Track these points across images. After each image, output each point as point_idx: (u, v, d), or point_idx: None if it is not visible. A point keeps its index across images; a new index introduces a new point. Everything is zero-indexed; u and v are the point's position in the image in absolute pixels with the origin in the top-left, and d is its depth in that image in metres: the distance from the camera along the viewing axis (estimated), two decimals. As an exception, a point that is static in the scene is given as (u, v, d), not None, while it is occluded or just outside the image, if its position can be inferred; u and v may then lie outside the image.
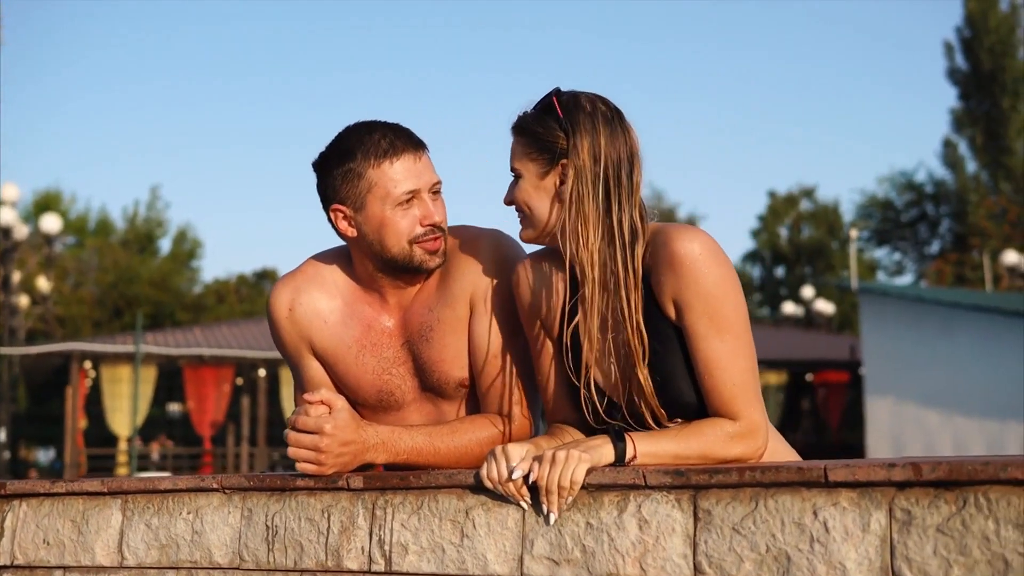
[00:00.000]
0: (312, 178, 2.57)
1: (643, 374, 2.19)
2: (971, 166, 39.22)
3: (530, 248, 2.52)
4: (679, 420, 2.22)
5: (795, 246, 43.93)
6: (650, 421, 2.21)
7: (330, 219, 2.54)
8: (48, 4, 55.82)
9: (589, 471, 2.06)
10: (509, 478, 2.08)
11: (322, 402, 2.33)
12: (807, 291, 34.42)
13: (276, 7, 63.63)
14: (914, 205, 41.40)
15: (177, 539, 2.44)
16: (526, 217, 2.30)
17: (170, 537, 2.45)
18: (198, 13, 62.24)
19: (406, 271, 2.51)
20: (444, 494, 2.20)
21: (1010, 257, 26.83)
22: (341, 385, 2.60)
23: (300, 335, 2.61)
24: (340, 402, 2.35)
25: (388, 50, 65.70)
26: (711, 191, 67.61)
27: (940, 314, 20.58)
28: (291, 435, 2.31)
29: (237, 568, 2.37)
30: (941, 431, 20.18)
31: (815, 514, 1.87)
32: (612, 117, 2.24)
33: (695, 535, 1.97)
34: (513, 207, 2.33)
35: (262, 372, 24.03)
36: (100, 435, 24.07)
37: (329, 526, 2.29)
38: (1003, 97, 37.66)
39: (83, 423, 23.18)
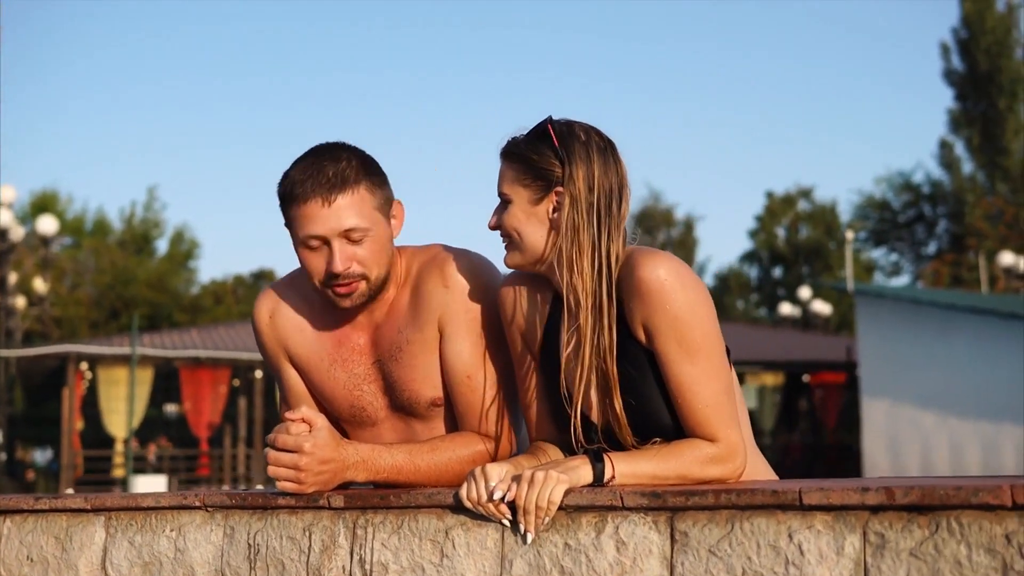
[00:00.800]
0: None
1: (617, 402, 2.21)
2: (968, 167, 39.30)
3: (504, 269, 2.54)
4: (658, 440, 2.23)
5: (792, 246, 43.97)
6: (627, 445, 2.23)
7: None
8: (45, 4, 55.83)
9: (567, 492, 2.07)
10: (489, 498, 2.09)
11: (303, 419, 2.35)
12: (804, 292, 34.46)
13: (273, 7, 63.65)
14: (911, 206, 41.45)
15: (160, 557, 2.45)
16: (513, 243, 2.29)
17: (153, 555, 2.46)
18: (195, 13, 62.26)
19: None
20: (424, 513, 2.21)
21: (1006, 258, 26.88)
22: (317, 396, 2.63)
23: (279, 342, 2.64)
24: (320, 420, 2.35)
25: (386, 50, 65.72)
26: (709, 191, 67.70)
27: (936, 316, 20.60)
28: (271, 454, 2.32)
29: (219, 586, 2.38)
30: (937, 432, 20.20)
31: (790, 537, 1.88)
32: (605, 148, 2.25)
33: (672, 557, 1.98)
34: (498, 231, 2.33)
35: (259, 373, 24.04)
36: (97, 436, 24.07)
37: (311, 544, 2.30)
38: (1000, 98, 37.72)
39: (80, 424, 23.18)
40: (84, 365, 22.76)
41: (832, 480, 2.00)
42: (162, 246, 41.87)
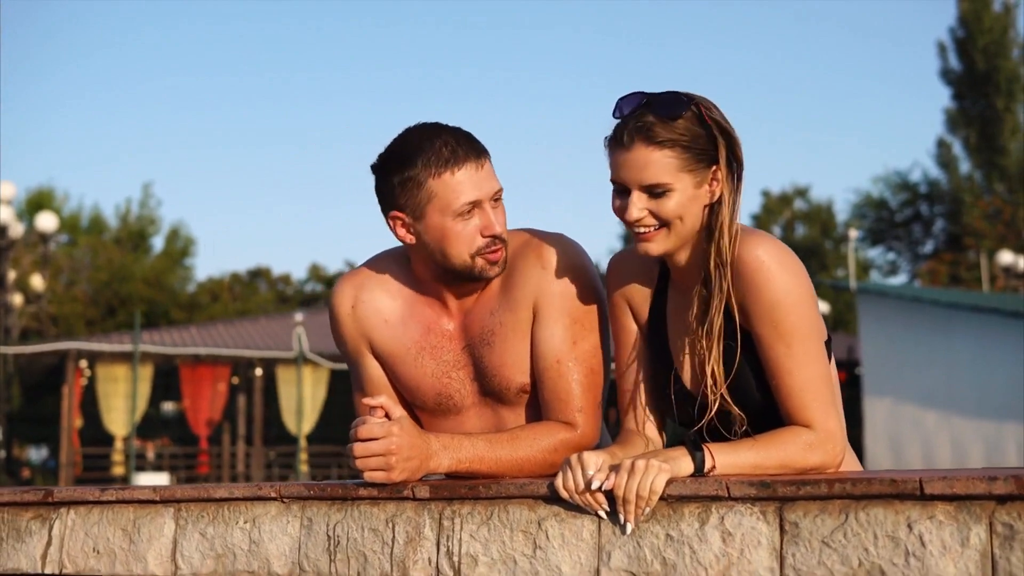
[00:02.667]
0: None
1: (720, 371, 2.19)
2: (965, 166, 39.28)
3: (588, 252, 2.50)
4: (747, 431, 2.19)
5: (789, 246, 43.75)
6: (732, 427, 2.19)
7: (388, 224, 2.49)
8: (42, 4, 55.61)
9: (669, 482, 2.01)
10: (586, 487, 2.03)
11: (382, 408, 2.29)
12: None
13: (269, 6, 63.49)
14: (908, 205, 41.42)
15: (234, 549, 2.39)
16: (671, 229, 2.20)
17: (226, 547, 2.39)
18: (190, 12, 62.08)
19: (466, 279, 2.47)
20: (515, 504, 2.15)
21: (1005, 257, 26.87)
22: (400, 387, 2.56)
23: (361, 333, 2.57)
24: (399, 410, 2.30)
25: (384, 49, 65.61)
26: (704, 190, 67.58)
27: (938, 314, 20.59)
28: (357, 445, 2.25)
29: (297, 579, 2.31)
30: (938, 431, 20.19)
31: (910, 527, 1.83)
32: (725, 115, 2.24)
33: (782, 548, 1.92)
34: (638, 222, 2.21)
35: (259, 371, 23.95)
36: (95, 434, 23.95)
37: (394, 536, 2.24)
38: (997, 97, 37.71)
39: (79, 422, 23.07)
40: (83, 362, 22.65)
41: (954, 469, 1.94)
42: (158, 243, 41.71)
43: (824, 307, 33.27)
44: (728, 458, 2.07)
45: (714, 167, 2.19)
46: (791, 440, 2.11)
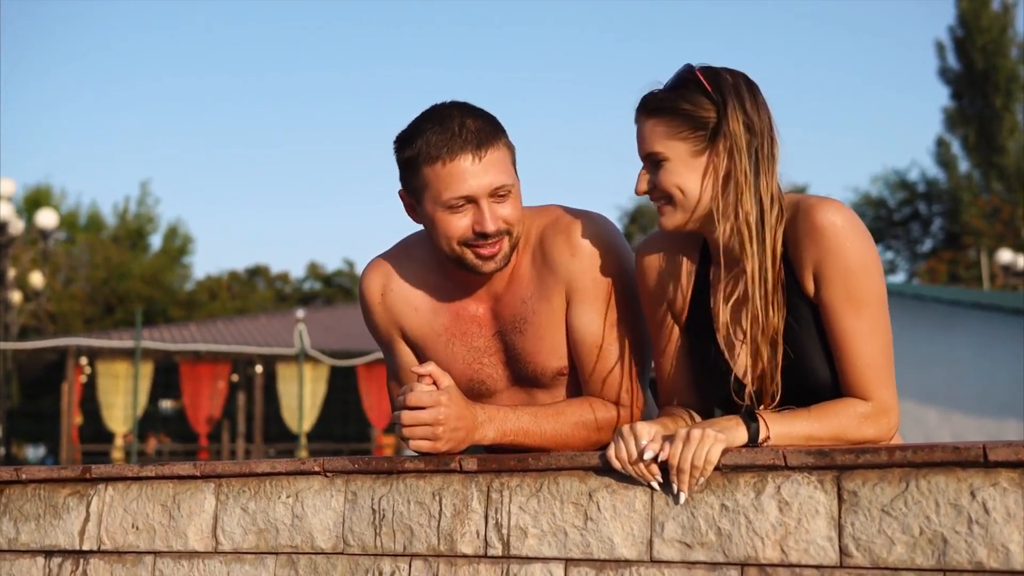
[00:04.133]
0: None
1: (778, 355, 2.14)
2: (963, 165, 39.27)
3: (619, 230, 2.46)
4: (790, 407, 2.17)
5: (787, 245, 43.73)
6: (772, 401, 2.16)
7: (402, 202, 2.46)
8: (41, 3, 55.50)
9: (724, 452, 1.99)
10: (639, 457, 2.01)
11: (430, 376, 2.26)
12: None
13: (266, 5, 63.40)
14: (907, 204, 41.43)
15: (276, 523, 2.36)
16: (674, 202, 2.18)
17: (268, 521, 2.37)
18: (187, 11, 61.99)
19: (464, 270, 2.40)
20: (565, 476, 2.13)
21: (1004, 255, 26.88)
22: None
23: (391, 320, 2.53)
24: (447, 379, 2.27)
25: (382, 49, 65.54)
26: (701, 190, 67.56)
27: (939, 312, 20.58)
28: (405, 414, 2.23)
29: (341, 553, 2.29)
30: (939, 429, 20.16)
31: (972, 495, 1.81)
32: (753, 88, 2.18)
33: (840, 517, 1.90)
34: (649, 196, 2.22)
35: (259, 368, 23.92)
36: (95, 431, 23.90)
37: (441, 509, 2.22)
38: (995, 96, 37.71)
39: (78, 419, 23.01)
40: (84, 359, 22.60)
41: (1017, 440, 1.93)
42: (156, 241, 41.65)
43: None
44: (782, 428, 2.05)
45: (716, 136, 2.13)
46: (846, 412, 2.09)
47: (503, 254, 2.35)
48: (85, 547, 2.54)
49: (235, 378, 24.21)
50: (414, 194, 2.38)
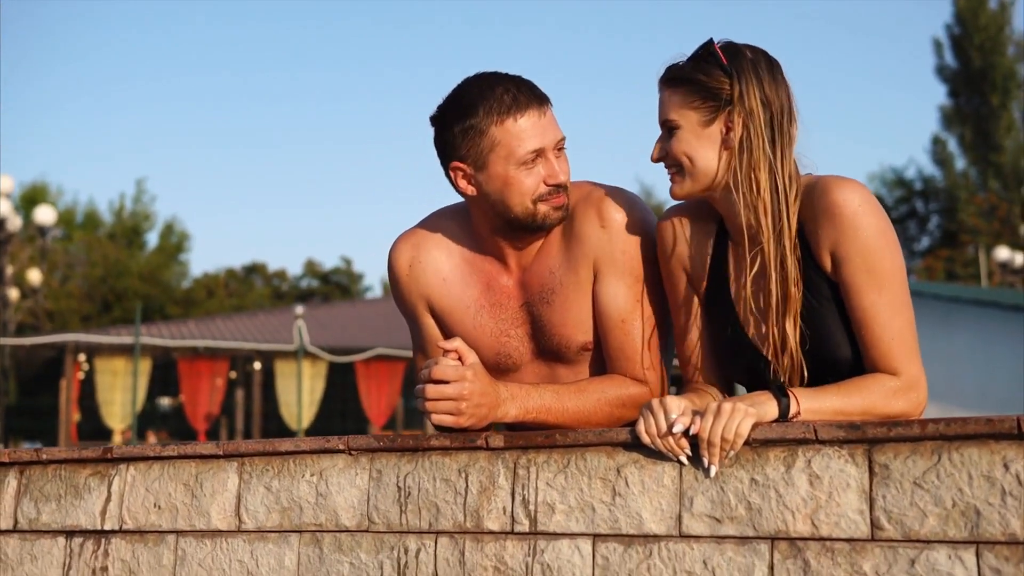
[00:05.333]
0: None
1: (797, 330, 2.15)
2: (960, 163, 39.32)
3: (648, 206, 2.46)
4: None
5: (784, 242, 43.78)
6: (793, 379, 2.17)
7: (449, 176, 2.45)
8: (38, 3, 55.41)
9: (754, 426, 1.99)
10: (669, 431, 2.01)
11: (456, 351, 2.27)
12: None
13: (263, 4, 63.37)
14: (904, 202, 41.47)
15: (300, 502, 2.36)
16: (683, 170, 2.21)
17: (292, 500, 2.37)
18: (184, 10, 61.94)
19: (528, 229, 2.42)
20: (592, 452, 2.12)
21: (1002, 253, 26.92)
22: None
23: (419, 293, 2.54)
24: (473, 355, 2.27)
25: (378, 48, 65.52)
26: (698, 188, 67.60)
27: (938, 309, 20.59)
28: (428, 387, 2.23)
29: (366, 531, 2.29)
30: (938, 425, 20.20)
31: (1006, 467, 1.81)
32: (773, 65, 2.20)
33: (871, 490, 1.90)
34: (663, 163, 2.25)
35: (257, 365, 23.88)
36: (93, 428, 23.85)
37: (467, 486, 2.22)
38: (992, 94, 37.75)
39: (76, 416, 22.98)
40: (82, 356, 22.56)
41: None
42: (152, 239, 41.60)
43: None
44: (812, 403, 2.05)
45: (728, 108, 2.15)
46: (876, 387, 2.09)
47: (567, 204, 2.42)
48: (107, 527, 2.53)
49: (233, 375, 24.17)
50: (476, 161, 2.38)
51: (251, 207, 65.51)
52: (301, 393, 22.28)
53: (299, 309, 23.49)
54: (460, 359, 2.27)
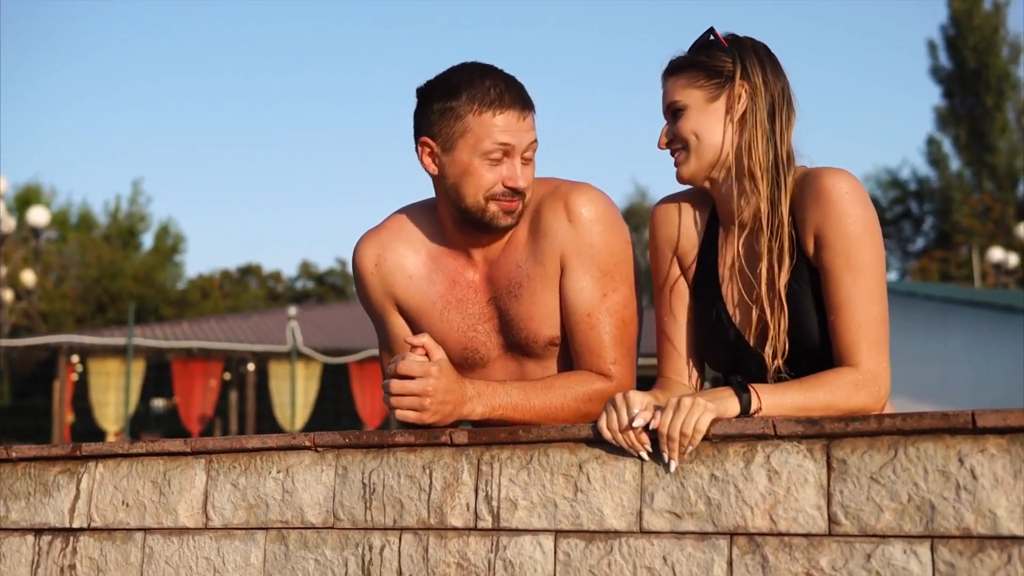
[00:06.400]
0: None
1: (784, 318, 2.19)
2: (955, 164, 39.36)
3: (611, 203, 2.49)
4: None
5: (780, 243, 43.83)
6: (776, 361, 2.20)
7: (417, 151, 2.47)
8: (34, 4, 55.37)
9: (713, 422, 2.00)
10: (629, 426, 2.02)
11: (423, 347, 2.27)
12: (793, 287, 34.37)
13: (258, 5, 63.38)
14: (898, 203, 41.52)
15: (266, 499, 2.37)
16: (690, 148, 2.26)
17: (259, 497, 2.37)
18: (179, 11, 61.94)
19: (476, 225, 2.44)
20: (555, 448, 2.13)
21: (996, 254, 26.95)
22: None
23: (385, 290, 2.55)
24: (440, 352, 2.28)
25: (373, 49, 65.55)
26: (694, 189, 67.64)
27: (932, 309, 20.62)
28: (394, 382, 2.23)
29: (331, 528, 2.29)
30: (931, 426, 20.22)
31: (961, 461, 1.82)
32: (772, 55, 2.27)
33: (829, 485, 1.91)
34: (669, 150, 2.30)
35: (251, 366, 23.87)
36: (87, 430, 23.84)
37: (431, 483, 2.22)
38: (987, 96, 37.79)
39: (70, 417, 22.96)
40: (75, 358, 22.54)
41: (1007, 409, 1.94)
42: (147, 240, 41.57)
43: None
44: (774, 399, 2.06)
45: (731, 84, 2.22)
46: (837, 381, 2.10)
47: (519, 211, 2.43)
48: (75, 524, 2.53)
49: (227, 376, 24.15)
50: (445, 142, 2.41)
51: (246, 209, 65.53)
52: (295, 394, 22.28)
53: (292, 310, 23.49)
54: (427, 355, 2.27)
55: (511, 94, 2.38)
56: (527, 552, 2.11)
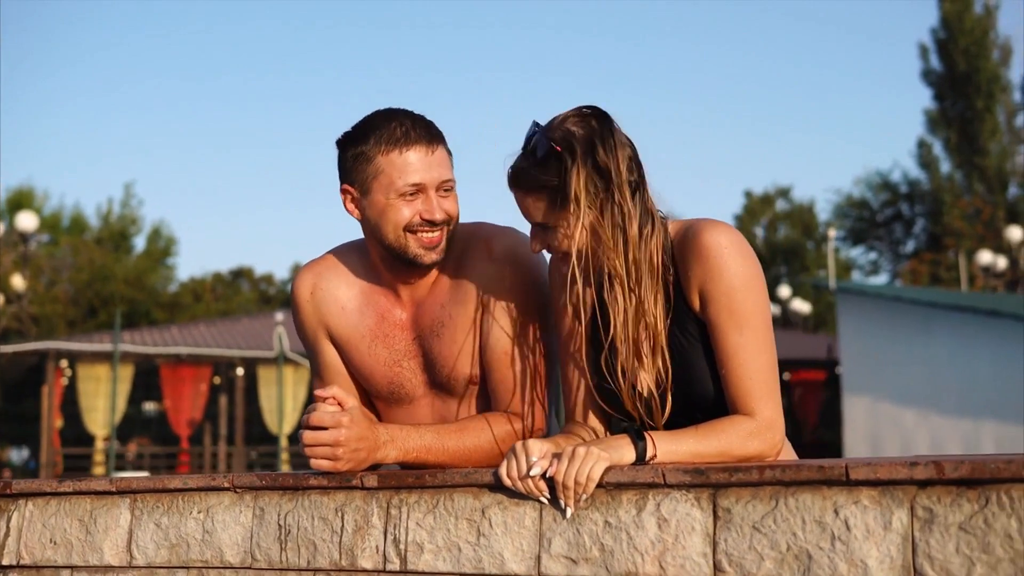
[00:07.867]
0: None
1: (664, 366, 2.23)
2: (945, 166, 39.48)
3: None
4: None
5: (771, 246, 44.08)
6: (662, 415, 2.24)
7: (341, 198, 2.56)
8: (30, 6, 55.36)
9: (608, 469, 2.06)
10: (527, 474, 2.08)
11: (334, 399, 2.34)
12: (783, 290, 34.52)
13: (251, 8, 63.39)
14: (889, 205, 41.63)
15: (188, 538, 2.43)
16: (566, 255, 2.26)
17: (180, 536, 2.44)
18: (172, 14, 61.94)
19: (402, 262, 2.51)
20: (460, 492, 2.20)
21: (984, 257, 27.02)
22: (355, 374, 2.62)
23: (319, 320, 2.63)
24: (352, 400, 2.35)
25: (365, 51, 65.57)
26: (687, 191, 67.80)
27: (917, 313, 20.68)
28: (307, 433, 2.30)
29: (249, 567, 2.36)
30: (917, 430, 20.28)
31: (836, 512, 1.88)
32: (602, 129, 2.22)
33: (715, 534, 1.97)
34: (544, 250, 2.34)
35: (240, 371, 23.92)
36: (76, 434, 23.89)
37: (343, 525, 2.29)
38: (977, 98, 37.91)
39: (59, 422, 23.00)
40: (64, 362, 22.58)
41: (879, 457, 2.00)
42: (139, 243, 41.60)
43: (805, 306, 33.46)
44: (669, 446, 2.12)
45: (578, 194, 2.18)
46: (731, 429, 2.16)
47: (442, 246, 2.49)
48: (4, 562, 2.60)
49: (216, 381, 24.21)
50: (362, 186, 2.49)
51: (238, 212, 65.53)
52: (283, 399, 22.35)
53: (279, 316, 23.56)
54: (339, 404, 2.33)
55: (417, 131, 2.46)
56: (431, 595, 2.17)
